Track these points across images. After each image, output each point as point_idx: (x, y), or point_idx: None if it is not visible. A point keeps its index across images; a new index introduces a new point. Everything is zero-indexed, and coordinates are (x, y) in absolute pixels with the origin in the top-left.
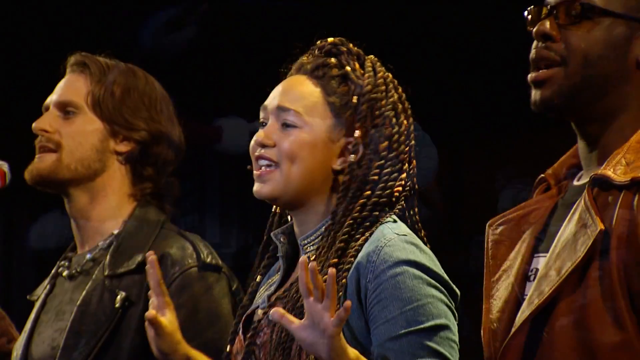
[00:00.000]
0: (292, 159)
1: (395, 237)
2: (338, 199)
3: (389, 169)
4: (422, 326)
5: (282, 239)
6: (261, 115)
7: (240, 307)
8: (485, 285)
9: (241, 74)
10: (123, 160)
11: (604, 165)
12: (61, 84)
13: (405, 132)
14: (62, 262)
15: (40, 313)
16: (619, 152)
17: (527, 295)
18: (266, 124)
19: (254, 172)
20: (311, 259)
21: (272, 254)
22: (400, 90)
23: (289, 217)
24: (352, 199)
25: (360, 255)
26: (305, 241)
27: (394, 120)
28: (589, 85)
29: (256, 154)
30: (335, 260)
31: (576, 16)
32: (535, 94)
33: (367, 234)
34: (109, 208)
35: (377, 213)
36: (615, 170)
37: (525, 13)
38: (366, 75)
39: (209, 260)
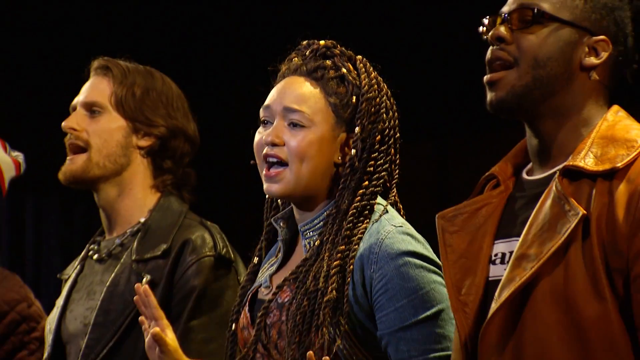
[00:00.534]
0: (301, 157)
1: (393, 229)
2: (340, 190)
3: (381, 161)
4: (429, 313)
5: (281, 224)
6: (262, 113)
7: (241, 288)
8: (446, 271)
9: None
10: (145, 154)
11: (570, 159)
12: (86, 86)
13: (395, 126)
14: (92, 246)
15: (71, 292)
16: (582, 146)
17: (493, 276)
18: (268, 122)
19: (264, 171)
20: (316, 243)
21: (267, 238)
22: (386, 87)
23: (280, 203)
24: (354, 189)
25: (361, 246)
26: (306, 227)
27: (384, 116)
28: (539, 85)
29: (264, 152)
30: (343, 247)
31: (528, 22)
32: (490, 95)
33: (366, 223)
34: (135, 199)
35: (374, 201)
36: (586, 162)
37: (482, 23)
38: (362, 76)
39: (224, 252)
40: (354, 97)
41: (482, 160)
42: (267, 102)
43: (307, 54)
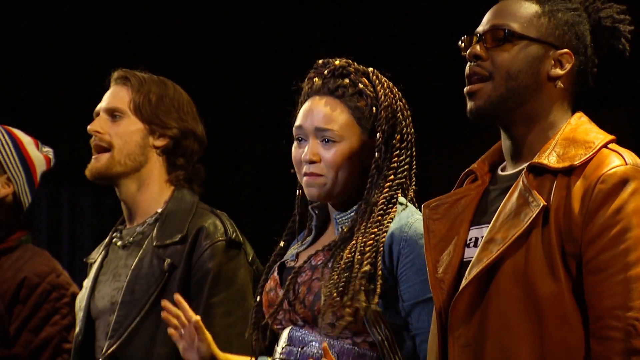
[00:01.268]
0: (336, 169)
1: (420, 218)
2: (368, 187)
3: (403, 156)
4: None
5: (316, 212)
6: (296, 132)
7: (267, 267)
8: (427, 253)
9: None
10: (160, 152)
11: (536, 157)
12: (108, 94)
13: (409, 124)
14: (115, 234)
15: (98, 274)
16: (547, 147)
17: (467, 258)
18: (302, 139)
19: (304, 180)
20: (345, 230)
21: (294, 226)
22: (396, 89)
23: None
24: (382, 185)
25: (392, 227)
26: (339, 216)
27: (400, 117)
28: (511, 95)
29: (304, 171)
30: (375, 229)
31: (500, 40)
32: (470, 105)
33: (394, 210)
34: (152, 192)
35: (399, 192)
36: (550, 160)
37: (460, 41)
38: (377, 87)
39: (233, 237)
40: (374, 108)
41: (459, 160)
42: (298, 122)
43: (325, 73)
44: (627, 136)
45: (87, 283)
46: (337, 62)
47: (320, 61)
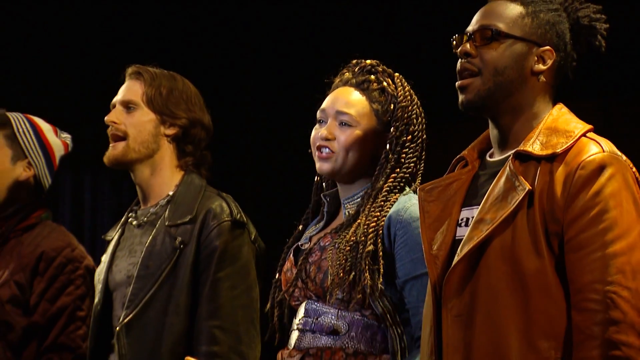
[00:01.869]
0: (347, 149)
1: (415, 202)
2: (376, 174)
3: (410, 155)
4: None
5: (328, 199)
6: (319, 115)
7: (287, 248)
8: (423, 232)
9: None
10: (170, 140)
11: (522, 145)
12: (123, 88)
13: (422, 129)
14: (130, 214)
15: (115, 250)
16: (531, 135)
17: (459, 236)
18: (324, 121)
19: (317, 155)
20: (351, 213)
21: (312, 211)
22: (416, 97)
23: (324, 186)
24: (388, 175)
25: (391, 210)
26: (347, 200)
27: (414, 121)
28: (499, 89)
29: (318, 144)
30: (377, 213)
31: (488, 39)
32: (461, 97)
33: (395, 197)
34: (164, 177)
35: (402, 184)
36: (534, 148)
37: (452, 39)
38: (398, 89)
39: (238, 217)
40: (392, 105)
41: (450, 148)
42: (323, 106)
43: (356, 70)
44: (598, 126)
45: (105, 258)
46: (368, 62)
47: (355, 61)
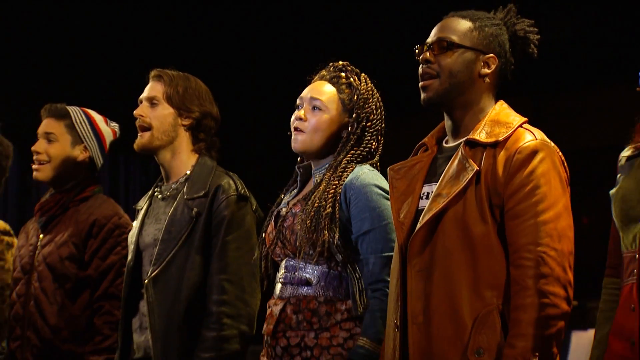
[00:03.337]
0: (315, 130)
1: (367, 171)
2: (338, 150)
3: (368, 137)
4: (382, 224)
5: (301, 170)
6: (298, 101)
7: (270, 213)
8: (392, 203)
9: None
10: (186, 129)
11: (471, 134)
12: (147, 87)
13: (381, 118)
14: (156, 189)
15: (144, 218)
16: (479, 126)
17: (421, 207)
18: (301, 106)
19: (292, 134)
20: (318, 181)
21: (294, 182)
22: (377, 92)
23: (299, 159)
24: (348, 151)
25: (347, 179)
26: (315, 172)
27: (373, 109)
28: (453, 88)
29: (294, 125)
30: (336, 181)
31: (444, 48)
32: (423, 95)
33: (352, 168)
34: (182, 159)
35: (360, 160)
36: (481, 136)
37: (415, 48)
38: (362, 84)
39: (242, 192)
40: (356, 96)
41: (410, 136)
42: (302, 94)
43: (330, 69)
44: (531, 118)
45: (136, 224)
46: (340, 63)
47: (331, 63)
